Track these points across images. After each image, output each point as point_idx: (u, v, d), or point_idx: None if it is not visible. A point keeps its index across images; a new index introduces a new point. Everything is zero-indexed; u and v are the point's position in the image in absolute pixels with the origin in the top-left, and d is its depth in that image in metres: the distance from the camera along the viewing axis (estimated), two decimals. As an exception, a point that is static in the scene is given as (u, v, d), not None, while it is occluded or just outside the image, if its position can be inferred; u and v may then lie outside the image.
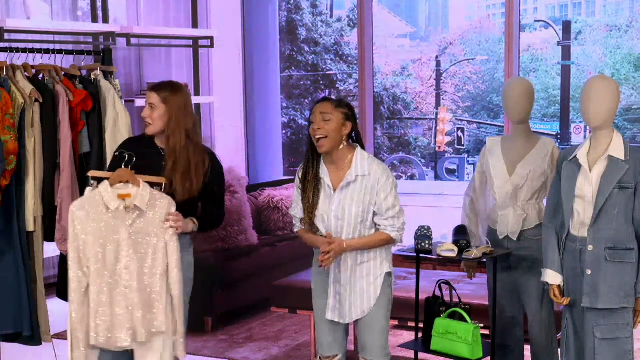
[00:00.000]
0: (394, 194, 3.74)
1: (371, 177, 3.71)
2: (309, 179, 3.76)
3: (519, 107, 4.21)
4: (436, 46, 27.53)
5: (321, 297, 3.87)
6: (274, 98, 8.24)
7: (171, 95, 3.77)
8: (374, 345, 3.81)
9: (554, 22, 23.90)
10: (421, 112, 25.00)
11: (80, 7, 6.44)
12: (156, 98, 3.77)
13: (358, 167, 3.72)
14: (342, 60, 20.92)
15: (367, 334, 3.82)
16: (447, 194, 14.22)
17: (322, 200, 3.74)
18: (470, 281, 4.98)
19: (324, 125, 3.67)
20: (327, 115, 3.67)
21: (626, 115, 22.38)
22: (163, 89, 3.80)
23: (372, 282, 3.77)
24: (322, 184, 3.75)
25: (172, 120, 3.75)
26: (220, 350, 5.65)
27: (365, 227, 3.75)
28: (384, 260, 3.81)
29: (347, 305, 3.77)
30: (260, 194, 7.16)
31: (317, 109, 3.71)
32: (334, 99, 3.76)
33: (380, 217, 3.74)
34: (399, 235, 3.77)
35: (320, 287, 3.87)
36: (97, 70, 4.80)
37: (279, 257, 6.58)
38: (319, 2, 20.93)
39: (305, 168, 3.80)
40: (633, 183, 3.59)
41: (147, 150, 3.84)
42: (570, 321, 3.79)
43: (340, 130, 3.70)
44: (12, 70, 4.45)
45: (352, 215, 3.71)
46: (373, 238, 3.75)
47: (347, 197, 3.71)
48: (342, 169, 3.75)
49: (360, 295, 3.76)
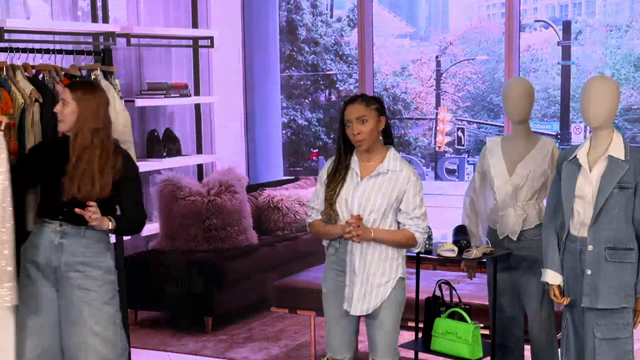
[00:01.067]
0: (421, 195, 3.76)
1: (403, 173, 3.73)
2: (339, 169, 3.78)
3: (519, 107, 4.21)
4: (436, 46, 27.56)
5: (332, 297, 3.84)
6: (274, 98, 8.23)
7: (84, 94, 3.77)
8: (382, 345, 3.81)
9: (554, 22, 23.92)
10: (421, 112, 25.02)
11: (80, 7, 6.43)
12: (69, 95, 3.77)
13: (391, 163, 3.74)
14: (342, 60, 20.94)
15: (377, 334, 3.81)
16: (447, 194, 14.23)
17: (346, 187, 3.74)
18: (470, 281, 4.98)
19: (362, 129, 3.69)
20: (364, 117, 3.70)
21: (626, 115, 22.40)
22: (77, 88, 3.80)
23: (384, 283, 3.75)
24: (351, 171, 3.77)
25: (81, 119, 3.74)
26: (220, 350, 5.65)
27: (386, 224, 3.74)
28: (399, 265, 3.79)
29: (356, 298, 3.75)
30: (260, 194, 7.16)
31: (351, 113, 3.71)
32: (363, 98, 3.77)
33: (406, 216, 3.73)
34: (421, 237, 3.75)
35: (332, 286, 3.85)
36: (97, 70, 4.79)
37: (279, 257, 6.58)
38: (319, 2, 20.95)
39: (337, 160, 3.81)
40: (633, 183, 3.59)
41: (61, 148, 3.81)
42: (570, 321, 3.79)
43: (377, 126, 3.74)
44: (12, 70, 4.45)
45: (376, 205, 3.69)
46: (399, 233, 3.74)
47: (374, 186, 3.71)
48: (373, 163, 3.76)
49: (370, 292, 3.74)
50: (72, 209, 3.68)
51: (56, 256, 3.75)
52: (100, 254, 3.80)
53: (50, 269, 3.76)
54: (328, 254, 3.88)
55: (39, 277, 3.79)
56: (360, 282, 3.73)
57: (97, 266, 3.79)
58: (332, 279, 3.85)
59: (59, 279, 3.76)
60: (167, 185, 6.34)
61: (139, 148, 6.44)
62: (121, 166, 3.78)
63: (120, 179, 3.77)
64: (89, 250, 3.77)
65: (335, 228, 3.74)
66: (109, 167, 3.74)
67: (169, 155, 6.72)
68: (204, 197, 6.30)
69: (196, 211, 6.26)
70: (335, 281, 3.83)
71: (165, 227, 6.36)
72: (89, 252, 3.77)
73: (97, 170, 3.71)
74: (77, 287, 3.75)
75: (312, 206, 3.88)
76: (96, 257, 3.78)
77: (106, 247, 3.85)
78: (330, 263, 3.86)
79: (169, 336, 5.98)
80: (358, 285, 3.73)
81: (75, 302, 3.75)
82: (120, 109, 4.78)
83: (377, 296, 3.75)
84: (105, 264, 3.83)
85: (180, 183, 6.35)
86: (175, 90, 6.60)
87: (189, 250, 6.27)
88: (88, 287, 3.75)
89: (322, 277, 3.91)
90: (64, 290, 3.76)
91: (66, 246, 3.75)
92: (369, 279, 3.73)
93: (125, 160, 3.84)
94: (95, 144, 3.74)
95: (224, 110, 7.52)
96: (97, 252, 3.79)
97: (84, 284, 3.75)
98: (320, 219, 3.83)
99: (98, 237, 3.80)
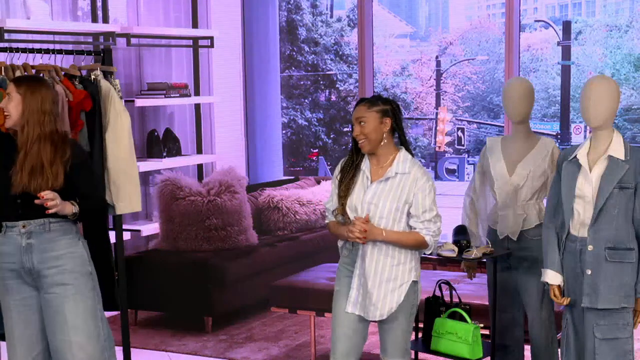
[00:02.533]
0: (432, 197, 3.70)
1: (410, 175, 3.69)
2: (349, 169, 3.78)
3: (519, 107, 4.21)
4: (436, 46, 27.55)
5: (344, 298, 3.81)
6: (274, 98, 8.23)
7: (29, 88, 3.73)
8: (395, 347, 3.80)
9: (554, 22, 23.92)
10: (421, 112, 25.02)
11: (80, 7, 6.44)
12: (14, 89, 3.74)
13: (399, 165, 3.71)
14: (342, 60, 20.93)
15: (389, 337, 3.80)
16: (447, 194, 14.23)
17: (357, 190, 3.74)
18: (470, 281, 4.98)
19: (361, 130, 3.70)
20: (362, 118, 3.69)
21: (626, 115, 22.39)
22: (22, 82, 3.77)
23: (397, 287, 3.73)
24: (362, 174, 3.76)
25: (26, 113, 3.71)
26: (220, 350, 5.65)
27: (400, 228, 3.71)
28: (412, 268, 3.77)
29: (368, 303, 3.72)
30: (260, 194, 7.16)
31: (354, 114, 3.73)
32: (370, 99, 3.76)
33: (417, 220, 3.70)
34: (432, 240, 3.72)
35: (344, 287, 3.82)
36: (97, 70, 4.79)
37: (279, 257, 6.58)
38: (319, 2, 20.93)
39: (349, 159, 3.81)
40: (633, 183, 3.59)
41: (6, 142, 3.79)
42: (570, 321, 3.79)
43: (379, 128, 3.70)
44: (11, 71, 4.45)
45: (385, 210, 3.67)
46: (408, 235, 3.70)
47: (383, 191, 3.70)
48: (383, 165, 3.75)
49: (383, 298, 3.71)
50: (28, 204, 3.65)
51: (27, 258, 3.70)
52: (71, 244, 3.75)
53: (25, 271, 3.72)
54: (342, 255, 3.86)
55: (17, 284, 3.75)
56: (372, 287, 3.70)
57: (71, 257, 3.74)
58: (344, 279, 3.83)
59: (36, 279, 3.72)
60: (167, 185, 6.34)
61: (139, 148, 6.45)
62: (70, 155, 3.73)
63: (71, 167, 3.72)
64: (58, 244, 3.72)
65: (343, 229, 3.73)
66: (58, 159, 3.69)
67: (169, 155, 6.72)
68: (204, 197, 6.30)
69: (196, 211, 6.26)
70: (348, 281, 3.81)
71: (165, 227, 6.36)
72: (59, 245, 3.72)
73: (47, 163, 3.66)
74: (55, 284, 3.70)
75: (327, 207, 3.88)
76: (67, 248, 3.74)
77: (76, 237, 3.80)
78: (344, 264, 3.85)
79: (169, 336, 5.98)
80: (370, 291, 3.71)
81: (55, 299, 3.72)
82: (120, 110, 4.78)
83: (391, 301, 3.72)
84: (78, 253, 3.78)
85: (180, 183, 6.35)
86: (175, 90, 6.60)
87: (189, 250, 6.27)
88: (65, 282, 3.71)
89: (336, 276, 3.90)
90: (43, 290, 3.73)
91: (35, 245, 3.70)
92: (382, 284, 3.71)
93: (73, 149, 3.78)
94: (42, 139, 3.70)
95: (224, 110, 7.53)
96: (68, 244, 3.74)
97: (60, 280, 3.71)
98: (334, 220, 3.83)
99: (65, 228, 3.74)
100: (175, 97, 6.61)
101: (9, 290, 3.77)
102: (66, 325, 3.73)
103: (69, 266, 3.74)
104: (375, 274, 3.70)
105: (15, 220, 3.71)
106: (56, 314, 3.73)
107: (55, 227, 3.73)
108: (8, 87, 3.79)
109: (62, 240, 3.74)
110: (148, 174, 6.75)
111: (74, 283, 3.74)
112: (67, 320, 3.73)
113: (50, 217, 3.70)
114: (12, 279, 3.76)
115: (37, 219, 3.70)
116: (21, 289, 3.76)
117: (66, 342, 3.74)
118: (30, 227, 3.71)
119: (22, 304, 3.77)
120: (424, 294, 4.50)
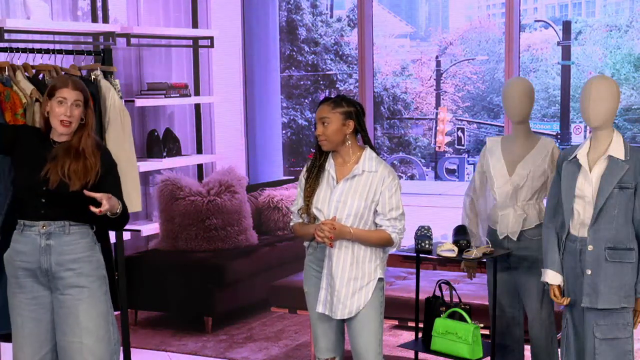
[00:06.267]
0: (397, 195, 3.74)
1: (378, 174, 3.72)
2: (314, 170, 3.81)
3: (519, 107, 4.21)
4: (436, 46, 27.52)
5: (314, 301, 3.85)
6: (274, 98, 8.23)
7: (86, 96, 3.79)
8: (366, 348, 3.79)
9: (554, 22, 23.91)
10: (421, 112, 25.00)
11: (80, 7, 6.44)
12: (80, 95, 3.75)
13: (366, 163, 3.74)
14: (342, 60, 20.92)
15: (360, 337, 3.79)
16: (447, 194, 14.23)
17: (323, 190, 3.76)
18: (470, 281, 4.98)
19: (323, 130, 3.72)
20: (325, 119, 3.72)
21: (626, 115, 22.38)
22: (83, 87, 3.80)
23: (364, 285, 3.75)
24: (327, 175, 3.78)
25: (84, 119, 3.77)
26: (220, 350, 5.65)
27: (366, 227, 3.75)
28: (377, 266, 3.79)
29: (336, 302, 3.74)
30: (260, 194, 7.16)
31: (317, 114, 3.76)
32: (333, 99, 3.77)
33: (383, 217, 3.73)
34: (398, 237, 3.75)
35: (313, 286, 3.86)
36: (97, 70, 4.79)
37: (279, 257, 6.58)
38: (319, 2, 20.93)
39: (313, 160, 3.84)
40: (633, 183, 3.59)
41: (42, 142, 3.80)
42: (570, 321, 3.79)
43: (341, 130, 3.73)
44: (12, 71, 4.45)
45: (354, 207, 3.70)
46: (374, 233, 3.74)
47: (350, 189, 3.72)
48: (348, 164, 3.77)
49: (351, 296, 3.73)
50: (52, 205, 3.67)
51: (45, 258, 3.70)
52: (89, 248, 3.77)
53: (41, 272, 3.72)
54: (307, 254, 3.89)
55: (32, 283, 3.75)
56: (340, 286, 3.73)
57: (88, 261, 3.75)
58: (312, 279, 3.87)
59: (51, 280, 3.73)
60: (167, 185, 6.34)
61: (139, 148, 6.44)
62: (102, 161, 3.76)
63: (103, 174, 3.75)
64: (77, 247, 3.73)
65: (310, 227, 3.75)
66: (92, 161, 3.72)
67: (169, 155, 6.72)
68: (204, 197, 6.31)
69: (196, 211, 6.26)
70: (315, 281, 3.85)
71: (165, 227, 6.36)
72: (78, 248, 3.73)
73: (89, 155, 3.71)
74: (70, 286, 3.72)
75: (293, 210, 3.90)
76: (85, 252, 3.75)
77: (93, 241, 3.81)
78: (309, 262, 3.87)
79: (169, 336, 5.98)
80: (337, 289, 3.73)
81: (69, 301, 3.72)
82: (120, 110, 4.78)
83: (359, 299, 3.74)
84: (95, 257, 3.80)
85: (180, 183, 6.36)
86: (175, 90, 6.60)
87: (189, 250, 6.27)
88: (81, 285, 3.72)
89: (303, 277, 3.93)
90: (58, 291, 3.74)
91: (53, 247, 3.70)
92: (350, 282, 3.73)
93: (105, 155, 3.82)
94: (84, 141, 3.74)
95: (224, 110, 7.53)
96: (86, 247, 3.76)
97: (77, 282, 3.72)
98: (300, 222, 3.85)
99: (82, 232, 3.75)
100: (175, 97, 6.61)
101: (22, 288, 3.77)
102: (78, 327, 3.73)
103: (86, 270, 3.75)
104: (343, 272, 3.72)
105: (35, 220, 3.71)
106: (69, 315, 3.74)
107: (74, 230, 3.74)
108: (62, 92, 3.74)
109: (80, 243, 3.75)
110: (148, 174, 6.75)
111: (89, 286, 3.76)
112: (80, 322, 3.73)
113: (70, 220, 3.71)
114: (26, 278, 3.76)
115: (58, 220, 3.71)
116: (34, 288, 3.76)
117: (76, 344, 3.74)
118: (50, 228, 3.71)
119: (34, 303, 3.76)
120: (424, 293, 4.51)
